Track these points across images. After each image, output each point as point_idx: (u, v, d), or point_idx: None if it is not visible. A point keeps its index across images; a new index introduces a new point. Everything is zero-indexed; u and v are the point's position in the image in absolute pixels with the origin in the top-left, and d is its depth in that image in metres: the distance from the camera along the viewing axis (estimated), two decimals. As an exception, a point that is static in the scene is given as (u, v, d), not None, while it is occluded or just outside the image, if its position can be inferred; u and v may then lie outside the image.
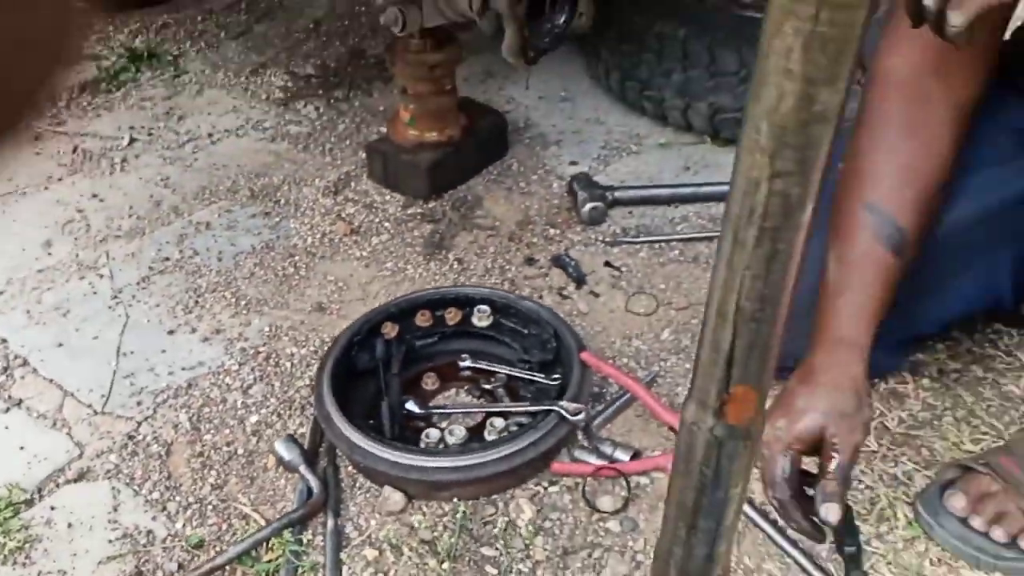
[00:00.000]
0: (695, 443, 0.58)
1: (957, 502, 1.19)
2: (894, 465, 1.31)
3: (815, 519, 1.00)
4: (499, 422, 1.35)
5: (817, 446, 1.02)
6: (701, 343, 0.55)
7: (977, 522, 1.18)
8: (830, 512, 0.97)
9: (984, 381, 1.45)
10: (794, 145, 0.44)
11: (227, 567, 1.19)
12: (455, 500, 1.26)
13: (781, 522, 1.24)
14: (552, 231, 1.79)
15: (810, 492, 1.01)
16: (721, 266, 0.51)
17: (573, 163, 1.97)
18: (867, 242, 1.10)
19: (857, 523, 1.22)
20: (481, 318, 1.49)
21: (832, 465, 0.99)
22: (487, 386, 1.45)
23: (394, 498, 1.27)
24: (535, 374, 1.44)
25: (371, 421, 1.35)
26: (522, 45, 1.54)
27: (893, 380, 1.44)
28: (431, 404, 1.42)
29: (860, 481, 1.29)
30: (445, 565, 1.20)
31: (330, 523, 1.24)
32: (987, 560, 1.17)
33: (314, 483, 1.28)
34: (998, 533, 1.17)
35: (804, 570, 1.18)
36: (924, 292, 1.31)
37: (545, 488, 1.30)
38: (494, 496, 1.28)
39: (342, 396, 1.34)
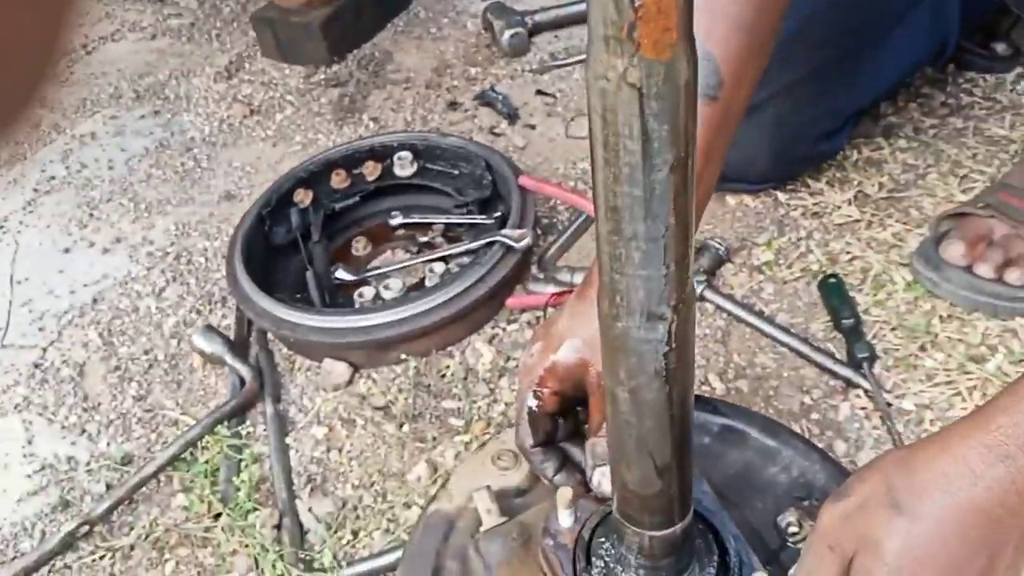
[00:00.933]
0: (609, 106, 0.42)
1: (956, 250, 1.06)
2: (882, 230, 1.17)
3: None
4: (439, 267, 1.20)
5: (581, 384, 0.74)
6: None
7: (983, 269, 1.05)
8: (603, 480, 0.68)
9: (965, 130, 1.31)
10: None
11: (160, 476, 1.05)
12: (405, 359, 1.12)
13: (769, 311, 1.11)
14: (473, 71, 1.61)
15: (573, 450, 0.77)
16: None
17: (485, -1, 1.78)
18: None
19: (851, 294, 1.09)
20: (404, 166, 1.32)
21: (599, 417, 0.71)
22: (424, 239, 1.29)
23: (337, 370, 1.12)
24: (475, 216, 1.28)
25: (299, 296, 1.20)
26: None
27: (867, 148, 1.30)
28: (366, 269, 1.27)
29: (847, 252, 1.15)
30: (405, 428, 1.06)
31: (269, 409, 1.09)
32: (1005, 306, 1.04)
33: (245, 372, 1.13)
34: (1014, 276, 1.03)
35: (800, 355, 1.05)
36: (865, 54, 1.16)
37: (504, 328, 1.16)
38: (448, 347, 1.14)
39: (262, 275, 1.19)
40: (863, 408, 0.98)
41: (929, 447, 0.59)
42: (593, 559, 0.67)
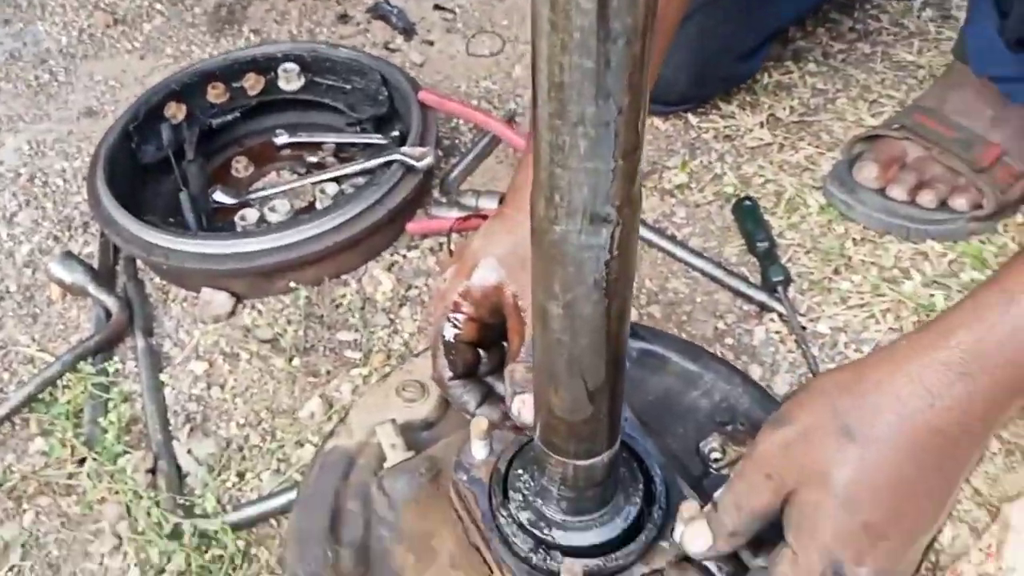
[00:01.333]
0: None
1: (869, 172, 1.04)
2: (793, 153, 1.14)
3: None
4: (332, 189, 1.10)
5: (499, 308, 0.68)
6: None
7: (896, 191, 1.03)
8: (522, 410, 0.62)
9: (873, 56, 1.28)
10: None
11: (14, 419, 0.93)
12: (294, 287, 1.02)
13: (681, 235, 1.07)
14: (365, -17, 1.49)
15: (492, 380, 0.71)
16: None
17: (377, -93, 1.65)
18: None
19: (765, 217, 1.05)
20: (289, 80, 1.20)
21: (518, 341, 0.65)
22: (313, 159, 1.19)
23: (217, 300, 1.02)
24: (370, 135, 1.18)
25: (172, 220, 1.08)
26: None
27: (776, 72, 1.26)
28: (248, 191, 1.15)
29: (760, 176, 1.11)
30: (295, 361, 0.97)
31: (140, 343, 0.98)
32: (918, 228, 1.02)
33: (111, 303, 1.01)
34: (927, 198, 1.01)
35: (714, 279, 1.01)
36: None
37: (404, 255, 1.07)
38: (342, 275, 1.05)
39: (129, 197, 1.06)
40: (778, 332, 0.95)
41: (878, 367, 0.54)
42: (511, 492, 0.61)
